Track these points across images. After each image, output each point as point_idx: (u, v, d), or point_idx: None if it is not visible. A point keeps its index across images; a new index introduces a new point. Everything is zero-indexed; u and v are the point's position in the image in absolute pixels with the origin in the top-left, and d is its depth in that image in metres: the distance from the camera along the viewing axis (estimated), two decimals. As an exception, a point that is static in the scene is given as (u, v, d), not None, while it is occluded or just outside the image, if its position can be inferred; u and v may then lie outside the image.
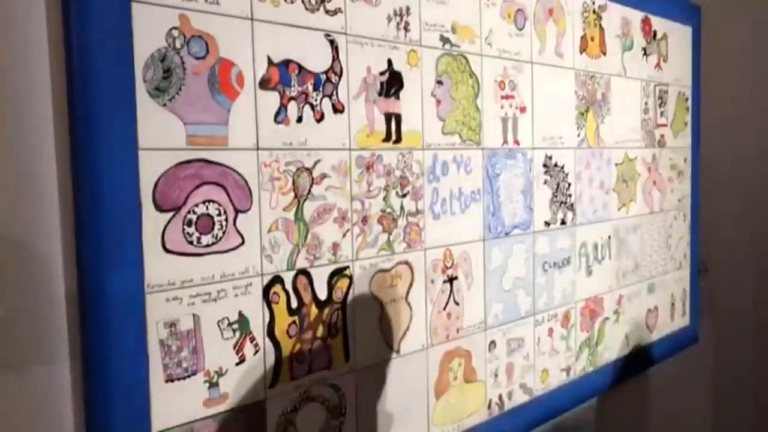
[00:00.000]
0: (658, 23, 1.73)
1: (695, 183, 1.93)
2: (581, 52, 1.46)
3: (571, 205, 1.44)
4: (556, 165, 1.39)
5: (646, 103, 1.70)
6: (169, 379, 0.80)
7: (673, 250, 1.85)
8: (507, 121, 1.26)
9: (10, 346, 0.70)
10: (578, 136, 1.45)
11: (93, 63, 0.72)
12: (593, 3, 1.48)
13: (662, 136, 1.77)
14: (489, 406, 1.26)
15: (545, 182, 1.36)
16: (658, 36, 1.73)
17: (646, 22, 1.68)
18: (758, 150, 2.36)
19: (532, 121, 1.32)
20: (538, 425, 1.38)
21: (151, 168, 0.78)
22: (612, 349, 1.60)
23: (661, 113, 1.76)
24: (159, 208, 0.78)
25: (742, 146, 2.27)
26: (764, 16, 2.38)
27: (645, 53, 1.68)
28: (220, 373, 0.85)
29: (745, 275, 2.36)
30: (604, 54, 1.53)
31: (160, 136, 0.78)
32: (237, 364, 0.87)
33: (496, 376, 1.27)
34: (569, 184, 1.43)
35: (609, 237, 1.57)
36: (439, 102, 1.12)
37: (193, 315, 0.82)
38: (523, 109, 1.29)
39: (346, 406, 1.01)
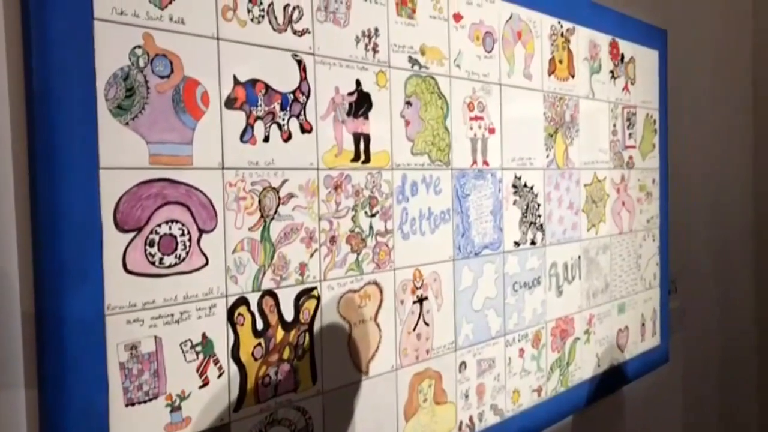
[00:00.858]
0: (626, 47, 1.76)
1: (664, 203, 1.96)
2: (550, 75, 1.47)
3: (541, 225, 1.45)
4: (525, 185, 1.40)
5: (614, 125, 1.72)
6: (130, 403, 0.78)
7: (643, 270, 1.87)
8: (476, 142, 1.27)
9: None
10: (547, 157, 1.47)
11: (53, 80, 0.71)
12: (561, 26, 1.50)
13: (630, 157, 1.80)
14: (460, 428, 1.25)
15: (515, 203, 1.37)
16: (626, 59, 1.76)
17: (613, 45, 1.71)
18: (722, 170, 2.41)
19: (501, 142, 1.33)
20: (509, 447, 1.37)
21: (112, 187, 0.76)
22: (583, 369, 1.60)
23: (630, 135, 1.79)
24: (120, 228, 0.77)
25: (709, 166, 2.31)
26: (728, 40, 2.44)
27: (613, 76, 1.71)
28: (182, 397, 0.83)
29: (711, 294, 2.39)
30: (573, 76, 1.55)
31: (122, 155, 0.77)
32: (200, 387, 0.85)
33: (466, 397, 1.26)
34: (539, 205, 1.44)
35: (579, 257, 1.58)
36: (408, 123, 1.13)
37: (155, 337, 0.80)
38: (492, 130, 1.30)
39: (314, 429, 0.99)
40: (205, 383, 0.85)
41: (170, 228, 0.81)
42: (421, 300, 1.17)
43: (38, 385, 0.73)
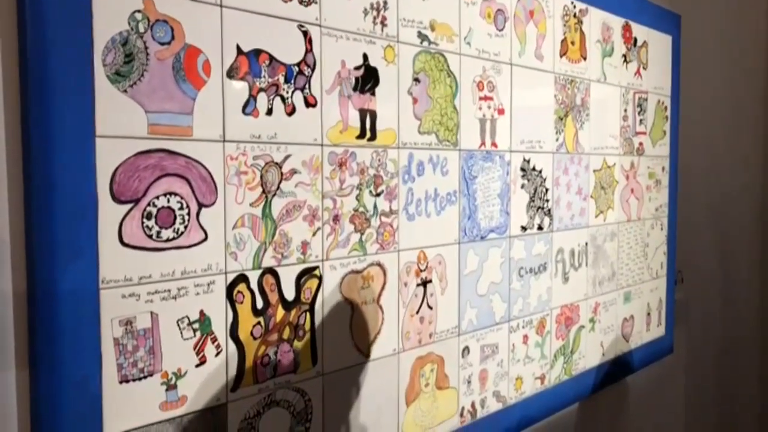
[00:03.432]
0: (639, 30, 1.72)
1: (672, 192, 1.92)
2: (561, 56, 1.44)
3: (549, 210, 1.42)
4: (533, 169, 1.37)
5: (625, 110, 1.68)
6: (124, 380, 0.76)
7: (650, 259, 1.84)
8: (485, 123, 1.24)
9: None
10: (557, 140, 1.43)
11: (48, 43, 0.68)
12: (574, 7, 1.47)
13: (641, 144, 1.76)
14: (461, 414, 1.23)
15: (522, 186, 1.34)
16: (639, 43, 1.73)
17: (626, 28, 1.67)
18: (732, 160, 2.37)
19: (510, 123, 1.29)
20: (511, 434, 1.35)
21: (108, 157, 0.74)
22: (587, 357, 1.58)
23: (640, 121, 1.75)
24: (117, 200, 0.74)
25: (717, 156, 2.27)
26: (742, 27, 2.39)
27: (625, 60, 1.67)
28: (178, 375, 0.81)
29: (715, 285, 2.36)
30: (584, 59, 1.52)
31: (119, 123, 0.74)
32: (197, 366, 0.83)
33: (469, 383, 1.24)
34: (547, 189, 1.41)
35: (586, 244, 1.55)
36: (415, 100, 1.09)
37: (151, 313, 0.78)
38: (501, 111, 1.27)
39: (313, 411, 0.97)
40: (202, 362, 0.83)
41: (168, 201, 0.79)
42: (425, 283, 1.14)
43: (29, 361, 0.70)
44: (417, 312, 1.13)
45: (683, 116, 1.97)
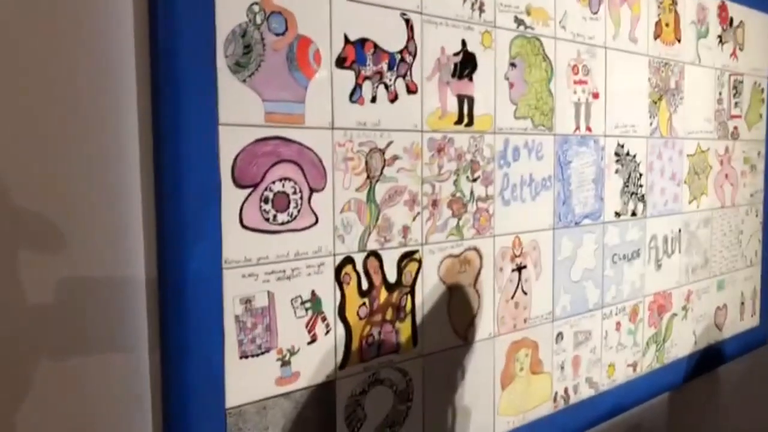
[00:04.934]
0: (736, 10, 1.66)
1: (769, 178, 1.85)
2: (655, 39, 1.41)
3: (642, 196, 1.39)
4: (627, 154, 1.35)
5: (720, 93, 1.63)
6: (244, 356, 0.80)
7: (744, 247, 1.78)
8: (580, 107, 1.23)
9: (94, 321, 0.71)
10: (651, 125, 1.41)
11: (177, 37, 0.72)
12: (669, -13, 1.43)
13: (735, 127, 1.70)
14: (555, 399, 1.23)
15: (617, 171, 1.32)
16: (735, 23, 1.66)
17: (722, 8, 1.61)
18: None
19: (604, 107, 1.28)
20: (603, 420, 1.34)
21: (230, 144, 0.77)
22: (679, 346, 1.55)
23: (736, 104, 1.69)
24: (237, 184, 0.78)
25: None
26: None
27: (720, 41, 1.62)
28: (292, 352, 0.84)
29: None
30: (679, 41, 1.48)
31: (239, 112, 0.78)
32: (309, 344, 0.86)
33: (562, 368, 1.24)
34: (641, 175, 1.38)
35: (679, 230, 1.52)
36: (512, 85, 1.10)
37: (268, 292, 0.82)
38: (596, 95, 1.26)
39: (414, 391, 0.99)
40: (313, 339, 0.87)
41: (283, 186, 0.82)
42: (519, 268, 1.15)
43: (160, 337, 0.75)
44: (512, 297, 1.14)
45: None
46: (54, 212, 0.68)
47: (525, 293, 1.16)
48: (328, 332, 0.88)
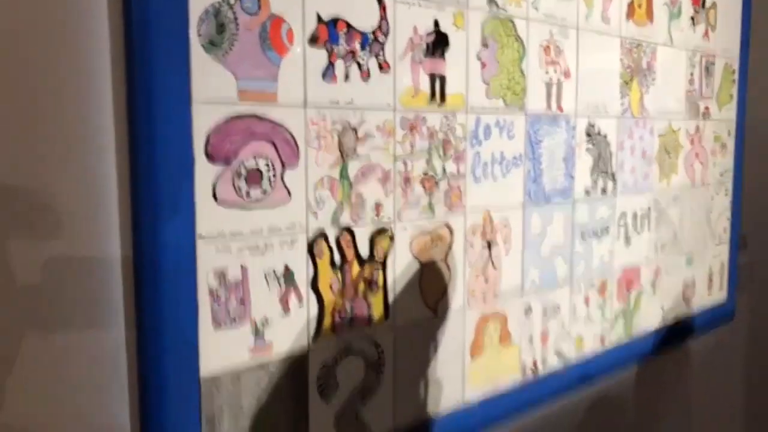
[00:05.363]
0: (708, -9, 1.69)
1: (738, 157, 1.90)
2: (628, 19, 1.43)
3: (613, 174, 1.43)
4: (599, 133, 1.38)
5: (691, 74, 1.67)
6: (218, 327, 0.83)
7: (713, 225, 1.83)
8: (551, 87, 1.25)
9: (72, 298, 0.73)
10: (622, 105, 1.44)
11: (151, 15, 0.74)
12: (642, -31, 1.45)
13: (707, 108, 1.74)
14: (523, 371, 1.27)
15: (587, 150, 1.35)
16: (707, 4, 1.69)
17: (695, -11, 1.64)
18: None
19: (576, 87, 1.31)
20: (571, 391, 1.39)
21: (204, 121, 0.79)
22: (648, 320, 1.60)
23: (707, 85, 1.73)
24: (211, 161, 0.80)
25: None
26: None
27: (693, 22, 1.65)
28: (265, 323, 0.87)
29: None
30: (651, 22, 1.50)
31: (213, 89, 0.80)
32: (282, 316, 0.89)
33: (531, 341, 1.28)
34: (611, 153, 1.42)
35: (649, 208, 1.56)
36: (484, 65, 1.12)
37: (242, 266, 0.84)
38: (567, 75, 1.28)
39: (385, 362, 1.03)
40: (287, 311, 0.89)
41: (257, 162, 0.84)
42: (490, 244, 1.18)
43: (136, 309, 0.78)
44: (482, 272, 1.17)
45: (751, 79, 1.92)
46: (29, 192, 0.70)
47: (495, 268, 1.19)
48: (301, 305, 0.91)
